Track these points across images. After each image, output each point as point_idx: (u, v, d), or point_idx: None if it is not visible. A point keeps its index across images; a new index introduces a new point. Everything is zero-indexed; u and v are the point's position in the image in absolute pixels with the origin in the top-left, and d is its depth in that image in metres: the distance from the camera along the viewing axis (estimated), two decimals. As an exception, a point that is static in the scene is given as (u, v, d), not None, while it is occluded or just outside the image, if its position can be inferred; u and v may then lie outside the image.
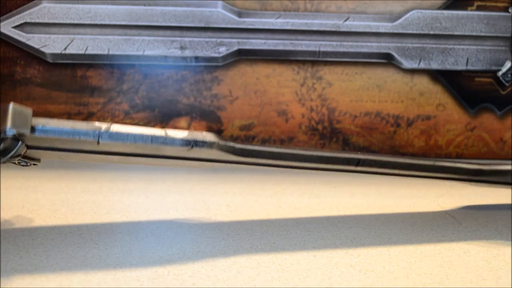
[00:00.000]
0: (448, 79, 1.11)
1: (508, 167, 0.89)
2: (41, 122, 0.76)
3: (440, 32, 1.06)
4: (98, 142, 0.77)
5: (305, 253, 0.77)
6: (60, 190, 0.97)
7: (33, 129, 0.76)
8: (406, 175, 0.85)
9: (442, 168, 0.86)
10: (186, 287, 0.68)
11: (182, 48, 1.02)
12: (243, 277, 0.70)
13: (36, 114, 0.79)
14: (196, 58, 1.02)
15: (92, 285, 0.68)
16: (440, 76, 1.10)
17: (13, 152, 0.75)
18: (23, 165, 0.80)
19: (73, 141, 0.76)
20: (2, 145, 0.75)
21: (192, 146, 0.79)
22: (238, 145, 0.80)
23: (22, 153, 0.76)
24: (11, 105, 0.76)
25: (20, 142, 0.75)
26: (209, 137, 0.79)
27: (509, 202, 0.94)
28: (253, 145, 0.81)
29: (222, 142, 0.79)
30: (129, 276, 0.70)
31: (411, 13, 1.05)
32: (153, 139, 0.78)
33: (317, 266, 0.74)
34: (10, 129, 0.74)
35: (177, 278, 0.70)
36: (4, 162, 0.76)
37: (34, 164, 0.80)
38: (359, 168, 0.84)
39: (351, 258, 0.76)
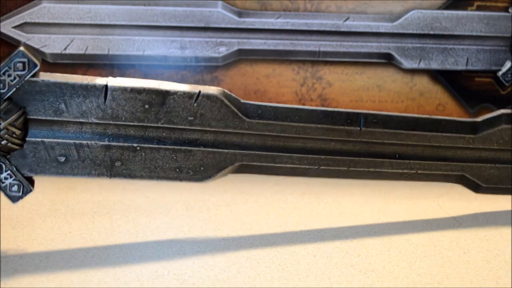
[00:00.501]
0: (448, 79, 1.11)
1: (498, 112, 0.89)
2: (47, 75, 0.74)
3: (440, 32, 1.06)
4: (106, 87, 0.74)
5: (305, 253, 0.77)
6: (60, 190, 0.98)
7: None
8: (401, 144, 0.85)
9: (436, 122, 0.86)
10: (186, 287, 0.68)
11: (182, 48, 1.02)
12: (243, 277, 0.70)
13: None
14: (196, 58, 1.02)
15: (92, 285, 0.68)
16: (440, 76, 1.10)
17: (13, 117, 0.71)
18: (14, 195, 0.74)
19: (82, 87, 0.73)
20: (7, 73, 0.70)
21: (199, 93, 0.77)
22: (243, 100, 0.80)
23: (20, 132, 0.72)
24: (23, 42, 0.74)
25: (20, 111, 0.72)
26: (215, 89, 0.78)
27: (509, 205, 0.94)
28: (256, 102, 0.80)
29: (228, 92, 0.79)
30: (129, 276, 0.70)
31: (411, 13, 1.05)
32: (161, 84, 0.76)
33: (317, 266, 0.74)
34: (23, 51, 0.70)
35: (177, 278, 0.70)
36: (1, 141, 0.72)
37: (28, 191, 0.74)
38: (363, 132, 0.83)
39: (351, 258, 0.76)
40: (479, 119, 0.88)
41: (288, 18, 1.03)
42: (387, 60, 1.07)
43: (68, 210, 0.90)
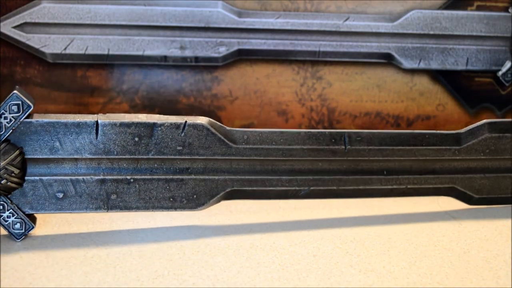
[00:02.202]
0: (448, 79, 1.11)
1: (481, 122, 0.89)
2: (40, 115, 0.77)
3: (440, 32, 1.06)
4: (97, 123, 0.77)
5: (305, 253, 0.77)
6: (60, 190, 0.97)
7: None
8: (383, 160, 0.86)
9: (420, 136, 0.87)
10: (186, 287, 0.68)
11: (182, 48, 1.02)
12: (243, 277, 0.70)
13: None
14: (196, 58, 1.02)
15: (92, 285, 0.68)
16: (440, 76, 1.10)
17: (11, 157, 0.75)
18: (17, 232, 0.77)
19: (74, 125, 0.76)
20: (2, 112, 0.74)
21: (186, 123, 0.79)
22: (228, 128, 0.82)
23: (17, 162, 0.75)
24: (17, 87, 0.77)
25: (18, 151, 0.75)
26: (201, 118, 0.80)
27: (509, 205, 0.94)
28: (241, 128, 0.82)
29: (213, 121, 0.81)
30: (129, 276, 0.70)
31: (411, 13, 1.05)
32: (148, 118, 0.78)
33: (317, 266, 0.74)
34: (18, 94, 0.74)
35: (177, 278, 0.70)
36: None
37: (31, 228, 0.78)
38: (348, 151, 0.84)
39: (351, 258, 0.76)
40: (462, 130, 0.89)
41: (288, 18, 1.03)
42: (387, 60, 1.07)
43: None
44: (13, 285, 0.67)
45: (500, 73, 1.09)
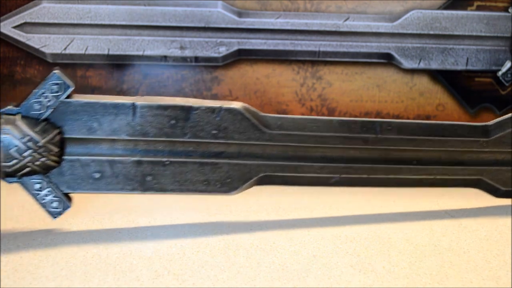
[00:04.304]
0: (448, 79, 1.11)
1: (509, 115, 0.89)
2: (80, 96, 0.78)
3: (440, 32, 1.06)
4: (134, 106, 0.77)
5: (305, 253, 0.77)
6: (60, 190, 0.97)
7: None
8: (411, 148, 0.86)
9: (449, 127, 0.87)
10: (186, 287, 0.68)
11: (182, 48, 1.02)
12: (243, 277, 0.70)
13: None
14: (196, 58, 1.03)
15: (92, 285, 0.68)
16: (440, 76, 1.10)
17: (50, 136, 0.75)
18: (54, 210, 0.78)
19: (112, 106, 0.77)
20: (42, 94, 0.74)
21: (221, 107, 0.80)
22: (262, 113, 0.82)
23: (56, 144, 0.75)
24: (57, 67, 0.77)
25: (57, 130, 0.75)
26: (236, 103, 0.81)
27: (509, 205, 0.94)
28: (275, 114, 0.83)
29: (247, 106, 0.81)
30: (129, 276, 0.70)
31: (411, 13, 1.05)
32: (184, 101, 0.79)
33: (317, 266, 0.74)
34: (58, 74, 0.75)
35: (177, 278, 0.70)
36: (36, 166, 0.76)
37: (67, 207, 0.79)
38: (379, 139, 0.84)
39: (351, 258, 0.76)
40: (490, 123, 0.89)
41: (288, 18, 1.03)
42: (387, 60, 1.07)
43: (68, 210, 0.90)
44: (13, 285, 0.67)
45: (500, 73, 1.09)
